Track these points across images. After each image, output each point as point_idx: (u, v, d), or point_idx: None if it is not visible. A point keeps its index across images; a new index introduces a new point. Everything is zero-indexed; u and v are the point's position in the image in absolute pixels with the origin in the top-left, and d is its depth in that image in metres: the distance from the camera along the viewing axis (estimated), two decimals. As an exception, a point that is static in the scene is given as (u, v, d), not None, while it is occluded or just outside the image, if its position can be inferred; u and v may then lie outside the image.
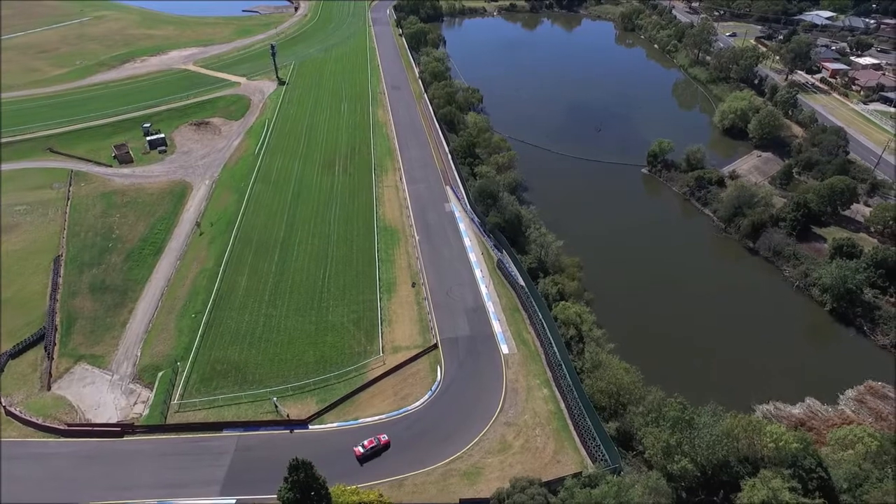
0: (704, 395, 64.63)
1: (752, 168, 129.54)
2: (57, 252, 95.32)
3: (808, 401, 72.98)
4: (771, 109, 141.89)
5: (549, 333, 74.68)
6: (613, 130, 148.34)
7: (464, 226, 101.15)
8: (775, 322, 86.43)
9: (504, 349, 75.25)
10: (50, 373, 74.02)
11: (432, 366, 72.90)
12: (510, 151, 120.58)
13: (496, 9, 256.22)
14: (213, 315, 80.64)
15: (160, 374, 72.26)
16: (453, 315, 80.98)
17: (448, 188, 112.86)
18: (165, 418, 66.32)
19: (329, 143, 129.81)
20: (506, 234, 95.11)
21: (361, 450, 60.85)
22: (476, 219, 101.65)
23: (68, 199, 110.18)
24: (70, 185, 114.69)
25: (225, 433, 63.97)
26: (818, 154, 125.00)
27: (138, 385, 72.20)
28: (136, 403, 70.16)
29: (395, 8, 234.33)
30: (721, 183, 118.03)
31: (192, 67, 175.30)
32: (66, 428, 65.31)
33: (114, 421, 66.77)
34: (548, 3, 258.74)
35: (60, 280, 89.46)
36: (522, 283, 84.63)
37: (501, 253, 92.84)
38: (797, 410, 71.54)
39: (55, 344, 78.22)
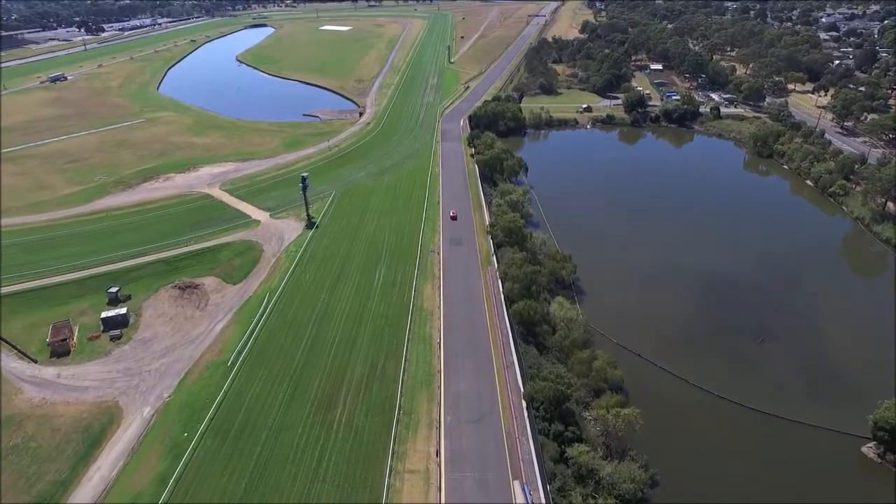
0: None
1: None
2: None
3: None
4: None
5: None
6: (781, 340, 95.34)
7: None
8: None
9: None
10: None
11: None
12: (629, 410, 70.76)
13: (590, 120, 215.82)
14: None
15: None
16: None
17: (517, 486, 64.25)
18: None
19: (341, 352, 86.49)
20: None
21: None
22: None
23: (-60, 429, 73.66)
24: (-38, 396, 79.04)
25: None
26: None
27: None
28: None
29: (470, 119, 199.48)
30: None
31: (215, 192, 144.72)
32: None
33: None
34: (653, 115, 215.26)
35: None
36: None
37: None
38: None
39: None
